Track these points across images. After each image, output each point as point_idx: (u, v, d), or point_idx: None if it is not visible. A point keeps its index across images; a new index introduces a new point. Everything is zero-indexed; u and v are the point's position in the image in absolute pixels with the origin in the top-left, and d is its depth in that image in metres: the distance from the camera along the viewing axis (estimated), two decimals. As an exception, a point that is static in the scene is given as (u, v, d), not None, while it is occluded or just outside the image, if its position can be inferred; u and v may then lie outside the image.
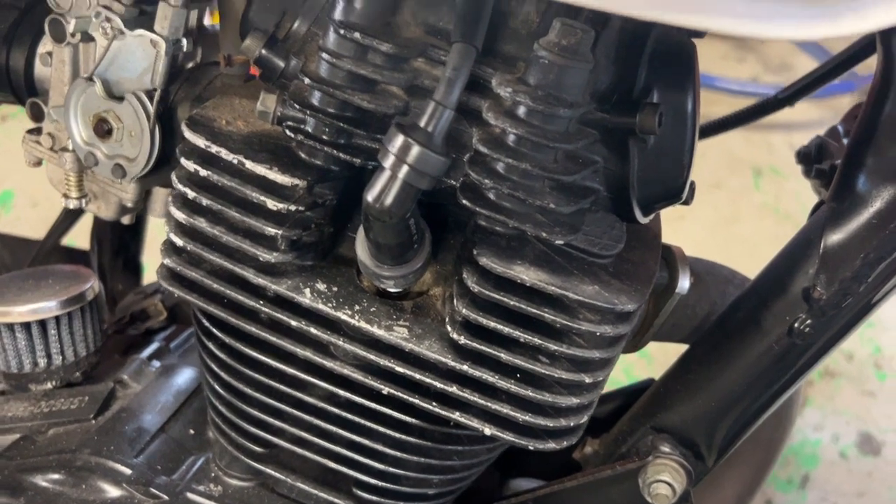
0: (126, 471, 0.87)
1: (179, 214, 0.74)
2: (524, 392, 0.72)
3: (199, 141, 0.72)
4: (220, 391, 0.84)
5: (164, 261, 0.77)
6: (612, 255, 0.73)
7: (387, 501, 0.85)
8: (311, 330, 0.74)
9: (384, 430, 0.79)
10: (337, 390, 0.78)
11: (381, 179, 0.63)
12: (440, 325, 0.74)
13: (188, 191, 0.73)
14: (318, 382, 0.78)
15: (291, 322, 0.74)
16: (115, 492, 0.86)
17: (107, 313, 1.23)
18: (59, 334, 0.98)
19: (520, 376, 0.72)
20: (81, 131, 0.86)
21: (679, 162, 0.75)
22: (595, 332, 0.69)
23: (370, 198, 0.64)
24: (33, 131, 0.94)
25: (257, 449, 0.86)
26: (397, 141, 0.62)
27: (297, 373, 0.78)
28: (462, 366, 0.72)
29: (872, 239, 0.73)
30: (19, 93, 0.95)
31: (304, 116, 0.72)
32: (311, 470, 0.88)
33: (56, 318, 0.97)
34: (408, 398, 0.75)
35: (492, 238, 0.71)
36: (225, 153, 0.71)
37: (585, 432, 0.84)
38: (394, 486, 0.84)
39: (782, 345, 0.79)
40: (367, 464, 0.82)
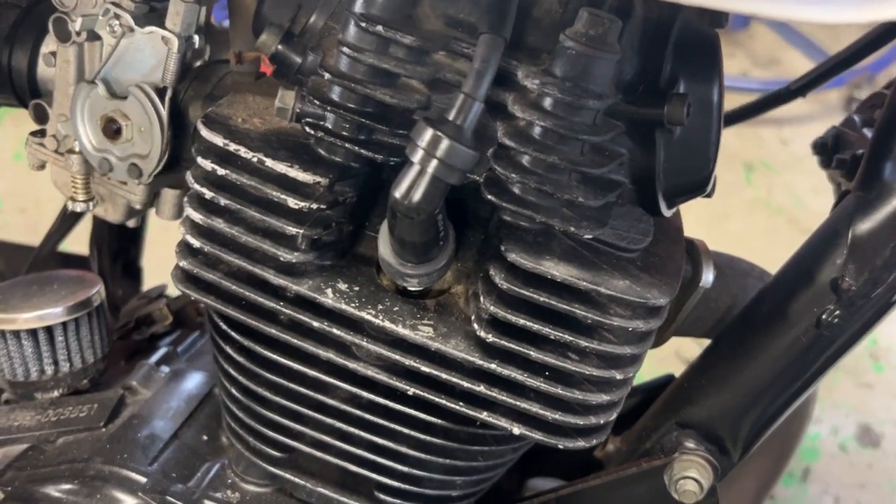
0: (141, 479, 0.85)
1: (196, 215, 0.72)
2: (554, 390, 0.70)
3: (217, 139, 0.70)
4: (238, 395, 0.82)
5: (180, 263, 0.75)
6: (639, 248, 0.72)
7: (409, 504, 0.84)
8: (333, 331, 0.73)
9: (407, 431, 0.77)
10: (359, 391, 0.76)
11: (410, 175, 0.61)
12: (465, 323, 0.72)
13: (205, 190, 0.71)
14: (340, 384, 0.76)
15: (313, 323, 0.73)
16: (131, 501, 0.84)
17: (110, 319, 1.20)
18: (67, 341, 0.96)
19: (548, 374, 0.71)
20: (91, 137, 0.84)
21: (705, 153, 0.74)
22: (627, 328, 0.68)
23: (398, 194, 0.62)
24: (37, 133, 0.92)
25: (276, 453, 0.84)
26: (426, 135, 0.60)
27: (319, 375, 0.76)
28: (490, 364, 0.71)
29: (903, 227, 0.73)
30: (22, 95, 0.92)
31: (323, 112, 0.70)
32: (330, 474, 0.86)
33: (63, 324, 0.95)
34: (434, 398, 0.73)
35: (518, 233, 0.70)
36: (244, 151, 0.70)
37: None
38: (416, 489, 0.82)
39: (810, 336, 0.78)
40: (390, 466, 0.80)
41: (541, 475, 1.03)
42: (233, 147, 0.70)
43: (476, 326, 0.70)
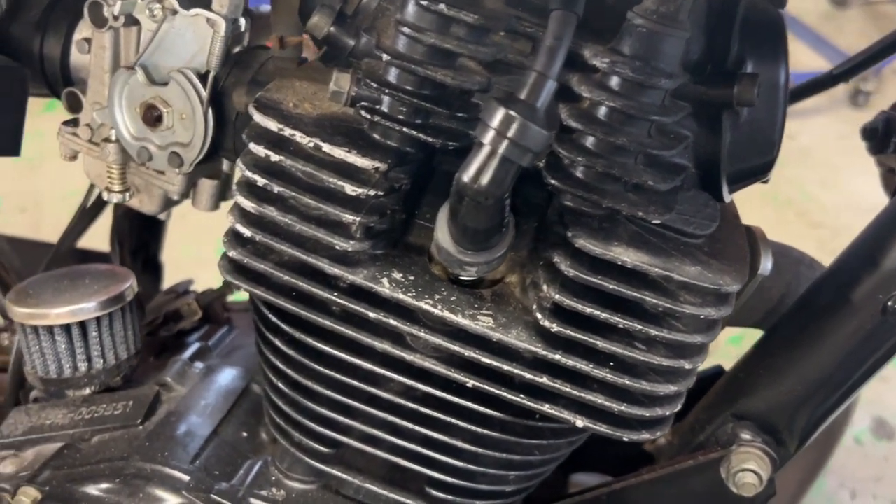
0: (184, 477, 0.83)
1: (247, 203, 0.70)
2: (620, 381, 0.68)
3: (271, 124, 0.68)
4: (285, 389, 0.79)
5: (229, 253, 0.72)
6: (705, 234, 0.69)
7: (462, 500, 0.81)
8: (389, 321, 0.70)
9: (463, 424, 0.75)
10: (414, 384, 0.74)
11: (479, 157, 0.59)
12: (524, 313, 0.70)
13: (257, 177, 0.69)
14: (394, 376, 0.74)
15: (369, 313, 0.70)
16: (175, 500, 0.82)
17: (136, 315, 1.17)
18: (101, 337, 0.93)
19: (613, 364, 0.69)
20: (129, 125, 0.81)
21: (770, 136, 0.72)
22: (699, 315, 0.66)
23: (466, 177, 0.60)
24: (69, 122, 0.89)
25: (323, 449, 0.82)
26: (498, 114, 0.57)
27: (373, 367, 0.74)
28: (554, 355, 0.68)
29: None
30: (54, 83, 0.90)
31: (379, 96, 0.68)
32: (378, 470, 0.84)
33: (97, 319, 0.92)
34: (494, 391, 0.71)
35: (583, 219, 0.68)
36: (300, 136, 0.67)
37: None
38: (469, 484, 0.80)
39: (874, 323, 0.76)
40: (443, 461, 0.78)
41: (584, 470, 1.01)
42: (288, 132, 0.68)
43: (539, 316, 0.68)
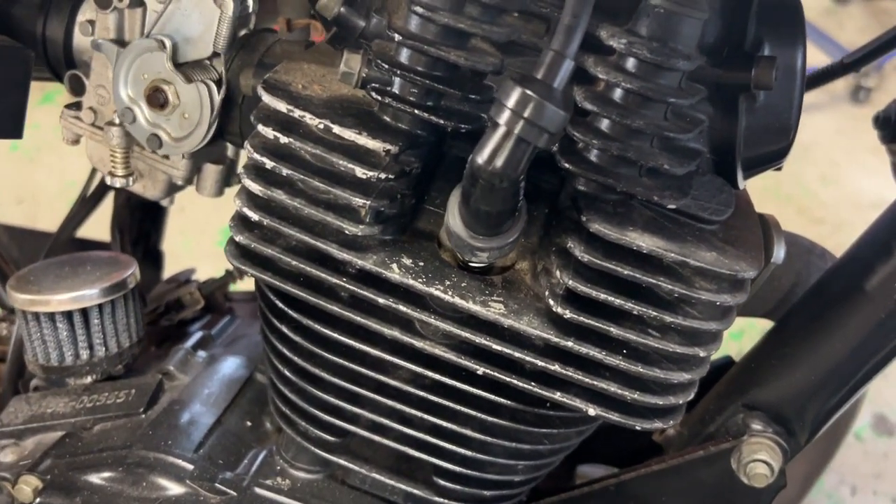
0: (188, 466, 0.81)
1: (255, 186, 0.68)
2: (634, 368, 0.67)
3: (280, 105, 0.67)
4: (291, 377, 0.78)
5: (236, 237, 0.71)
6: (720, 220, 0.68)
7: (469, 490, 0.80)
8: (399, 307, 0.69)
9: (472, 412, 0.74)
10: (424, 371, 0.73)
11: (494, 137, 0.58)
12: (535, 300, 0.69)
13: (265, 160, 0.67)
14: (403, 363, 0.73)
15: (378, 299, 0.69)
16: (178, 489, 0.80)
17: (138, 304, 1.16)
18: (103, 324, 0.92)
19: (627, 352, 0.67)
20: (129, 89, 0.79)
21: (787, 121, 0.71)
22: (714, 302, 0.65)
23: (480, 159, 0.58)
24: (72, 106, 0.88)
25: (330, 438, 0.81)
26: (514, 94, 0.56)
27: (382, 354, 0.72)
28: (566, 342, 0.67)
29: None
30: (56, 66, 0.88)
31: (390, 77, 0.67)
32: (384, 459, 0.83)
33: (99, 306, 0.91)
34: (505, 378, 0.70)
35: (597, 204, 0.66)
36: (310, 118, 0.66)
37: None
38: (478, 474, 0.79)
39: (888, 313, 0.75)
40: (451, 450, 0.77)
41: (590, 461, 1.00)
42: (297, 114, 0.66)
43: (551, 302, 0.67)
